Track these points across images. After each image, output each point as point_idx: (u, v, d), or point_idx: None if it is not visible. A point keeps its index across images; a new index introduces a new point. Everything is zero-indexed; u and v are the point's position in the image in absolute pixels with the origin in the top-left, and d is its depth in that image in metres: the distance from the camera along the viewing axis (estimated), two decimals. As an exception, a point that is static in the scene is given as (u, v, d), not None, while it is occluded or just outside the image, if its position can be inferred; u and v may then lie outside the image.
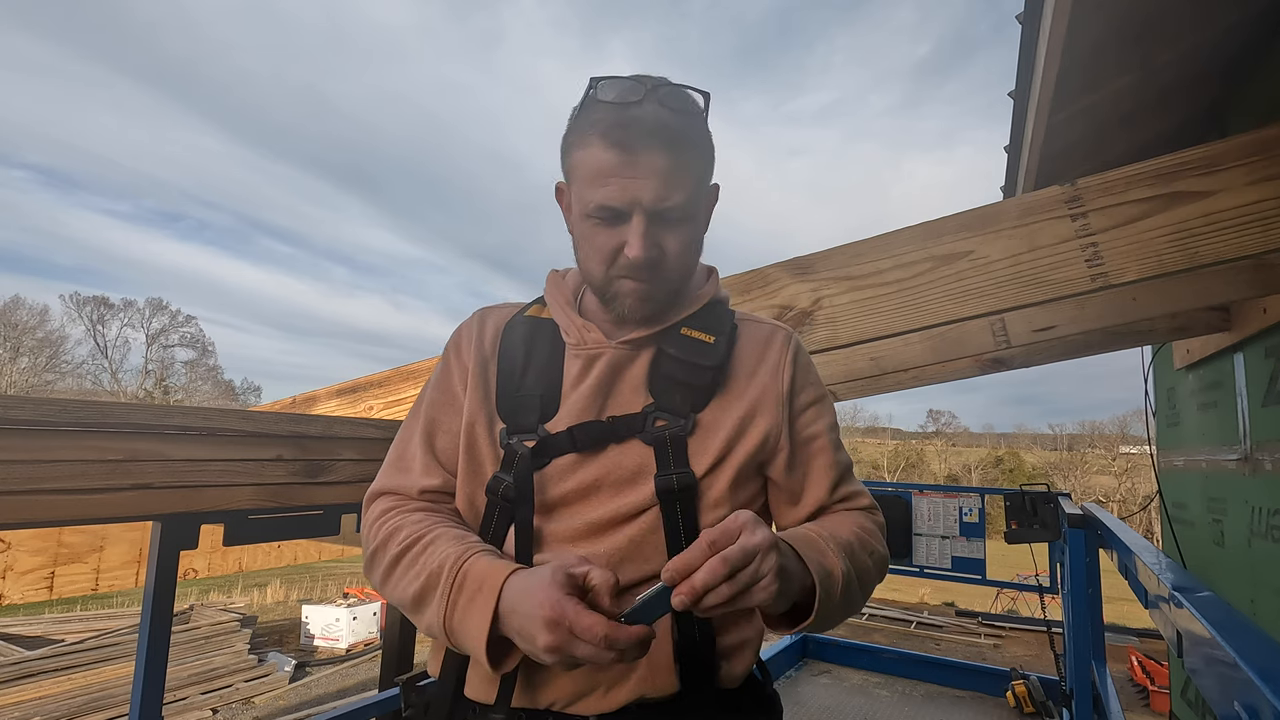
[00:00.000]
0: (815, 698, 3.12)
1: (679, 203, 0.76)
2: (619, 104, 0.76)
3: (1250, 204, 1.29)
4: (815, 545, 0.73)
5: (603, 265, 0.80)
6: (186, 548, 1.33)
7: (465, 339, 0.91)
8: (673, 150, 0.75)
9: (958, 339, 2.40)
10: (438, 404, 0.88)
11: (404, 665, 2.30)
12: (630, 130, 0.74)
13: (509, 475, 0.80)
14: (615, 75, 0.79)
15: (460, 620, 0.68)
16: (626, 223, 0.76)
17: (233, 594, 13.81)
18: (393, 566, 0.77)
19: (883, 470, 52.06)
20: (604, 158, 0.75)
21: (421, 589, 0.72)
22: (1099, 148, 2.52)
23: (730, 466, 0.81)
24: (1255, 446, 2.28)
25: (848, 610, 0.77)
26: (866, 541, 0.82)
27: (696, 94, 0.80)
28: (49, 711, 6.90)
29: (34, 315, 37.67)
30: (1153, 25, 1.81)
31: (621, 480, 0.80)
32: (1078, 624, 2.11)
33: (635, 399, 0.83)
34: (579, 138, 0.79)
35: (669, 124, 0.75)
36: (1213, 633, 0.69)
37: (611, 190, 0.75)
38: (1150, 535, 17.23)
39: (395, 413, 2.13)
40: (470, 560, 0.71)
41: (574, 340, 0.86)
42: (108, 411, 1.14)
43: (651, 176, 0.74)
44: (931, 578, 3.57)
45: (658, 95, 0.76)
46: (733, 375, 0.85)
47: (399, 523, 0.79)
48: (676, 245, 0.79)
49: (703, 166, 0.81)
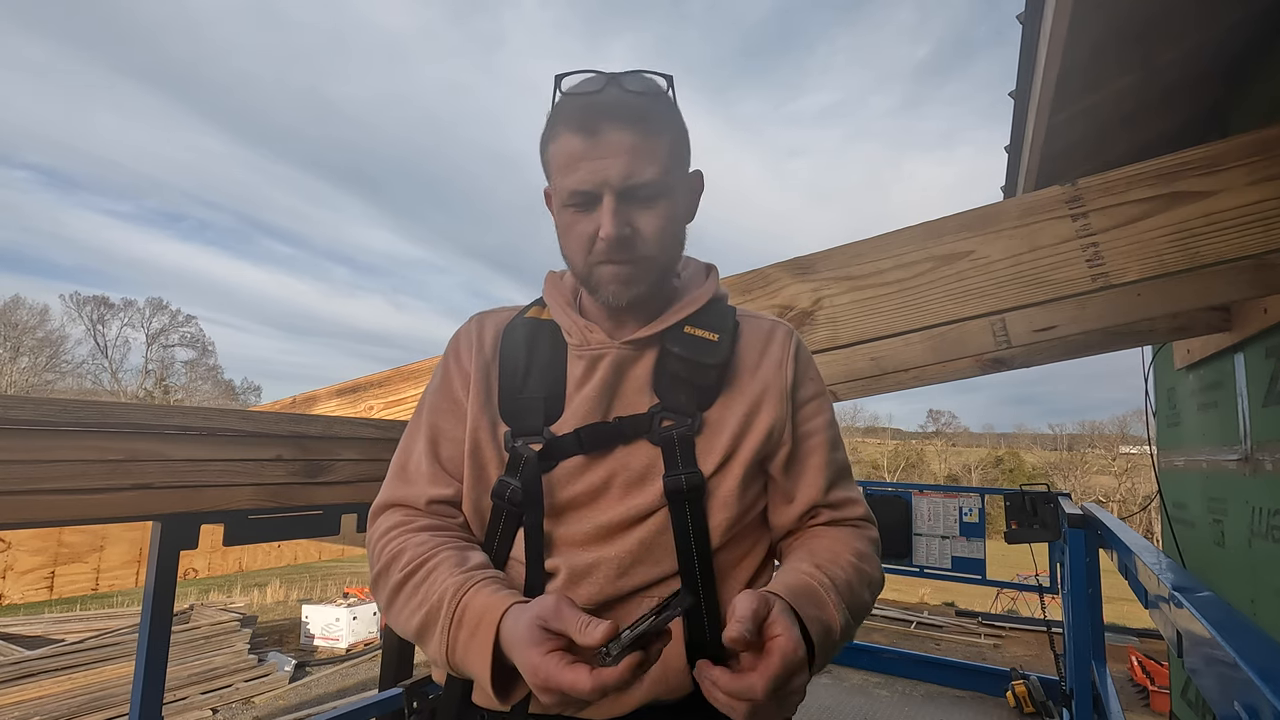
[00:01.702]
0: (815, 698, 3.12)
1: (648, 179, 0.76)
2: (582, 93, 0.77)
3: (1251, 204, 1.29)
4: (815, 599, 0.72)
5: (582, 253, 0.79)
6: (186, 548, 1.33)
7: (464, 344, 0.90)
8: (636, 127, 0.75)
9: (958, 339, 2.40)
10: (440, 411, 0.87)
11: (404, 665, 2.30)
12: (592, 113, 0.75)
13: (515, 479, 0.80)
14: (577, 70, 0.80)
15: (462, 658, 0.68)
16: (599, 206, 0.77)
17: (233, 594, 13.80)
18: (395, 594, 0.76)
19: (883, 470, 52.04)
20: (571, 144, 0.76)
21: (423, 623, 0.71)
22: (1100, 148, 2.52)
23: (738, 464, 0.81)
24: (1255, 446, 2.28)
25: (836, 653, 0.77)
26: (864, 573, 0.80)
27: (658, 77, 0.81)
28: (49, 711, 6.90)
29: (34, 315, 37.71)
30: (1154, 25, 1.81)
31: (630, 481, 0.80)
32: (1078, 624, 2.11)
33: (641, 399, 0.83)
34: (550, 133, 0.80)
35: (630, 103, 0.76)
36: (1213, 633, 0.69)
37: (581, 174, 0.75)
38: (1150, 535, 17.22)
39: (395, 413, 2.13)
40: (469, 595, 0.70)
41: (577, 341, 0.85)
42: (108, 411, 1.14)
43: (617, 154, 0.75)
44: (931, 578, 3.57)
45: (619, 81, 0.77)
46: (736, 372, 0.85)
47: (402, 545, 0.78)
48: (651, 224, 0.78)
49: (672, 145, 0.80)
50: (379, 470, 1.63)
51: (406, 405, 2.11)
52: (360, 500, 1.58)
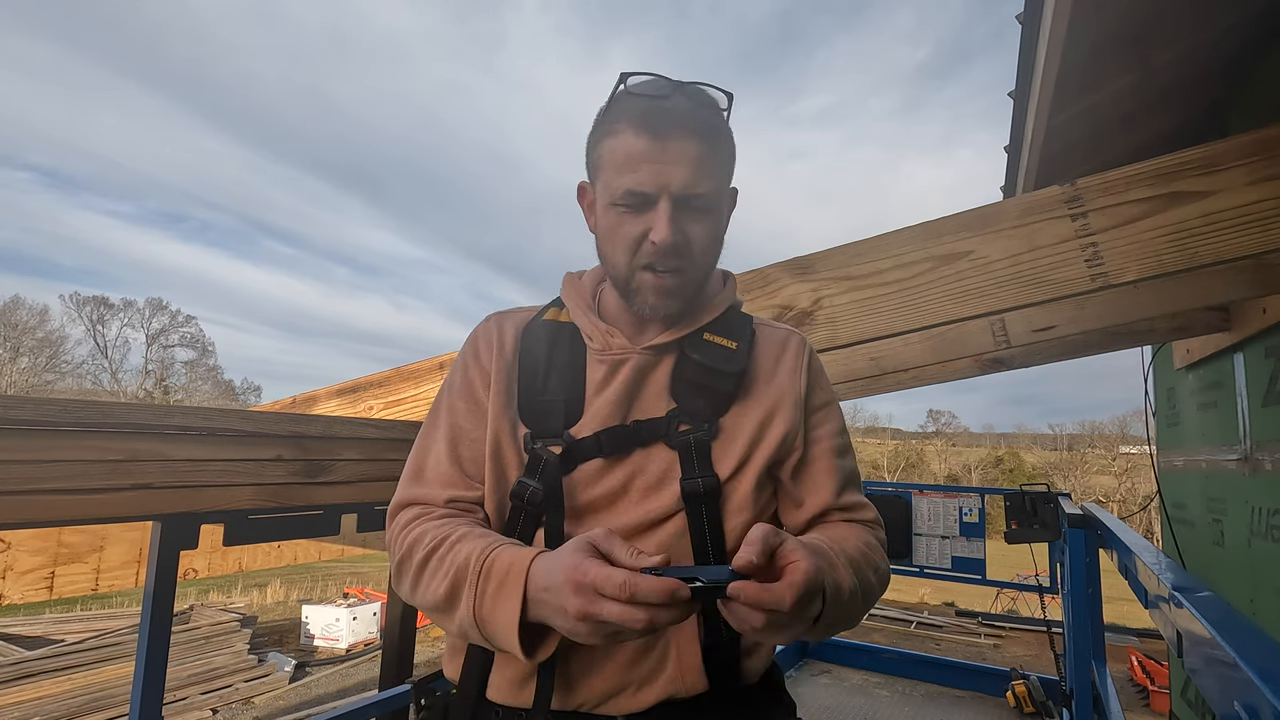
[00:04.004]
0: (815, 698, 3.12)
1: (706, 191, 0.77)
2: (649, 96, 0.78)
3: (1250, 204, 1.29)
4: (826, 557, 0.73)
5: (627, 254, 0.79)
6: (186, 548, 1.33)
7: (484, 344, 0.90)
8: (702, 140, 0.77)
9: (958, 339, 2.40)
10: (460, 411, 0.87)
11: (404, 665, 2.30)
12: (662, 118, 0.76)
13: (535, 480, 0.80)
14: (644, 71, 0.81)
15: (490, 609, 0.67)
16: (653, 209, 0.77)
17: (233, 594, 13.80)
18: (420, 571, 0.76)
19: (883, 470, 52.03)
20: (635, 143, 0.76)
21: (450, 586, 0.71)
22: (1099, 148, 2.52)
23: (752, 470, 0.82)
24: (1255, 446, 2.28)
25: (845, 624, 0.78)
26: (870, 558, 0.81)
27: (720, 93, 0.82)
28: (49, 711, 6.90)
29: (34, 315, 37.69)
30: (1152, 26, 1.81)
31: (648, 485, 0.80)
32: (1078, 624, 2.12)
33: (658, 404, 0.84)
34: (608, 128, 0.79)
35: (699, 114, 0.77)
36: (1213, 633, 0.69)
37: (642, 175, 0.76)
38: (1150, 535, 17.22)
39: (395, 413, 2.13)
40: (496, 551, 0.70)
41: (598, 345, 0.86)
42: (108, 411, 1.14)
43: (681, 163, 0.75)
44: (931, 578, 3.57)
45: (686, 90, 0.78)
46: (752, 380, 0.86)
47: (423, 529, 0.78)
48: (701, 235, 0.79)
49: (727, 162, 0.82)
50: (379, 470, 1.64)
51: (406, 405, 2.11)
52: (360, 500, 1.58)
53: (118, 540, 2.65)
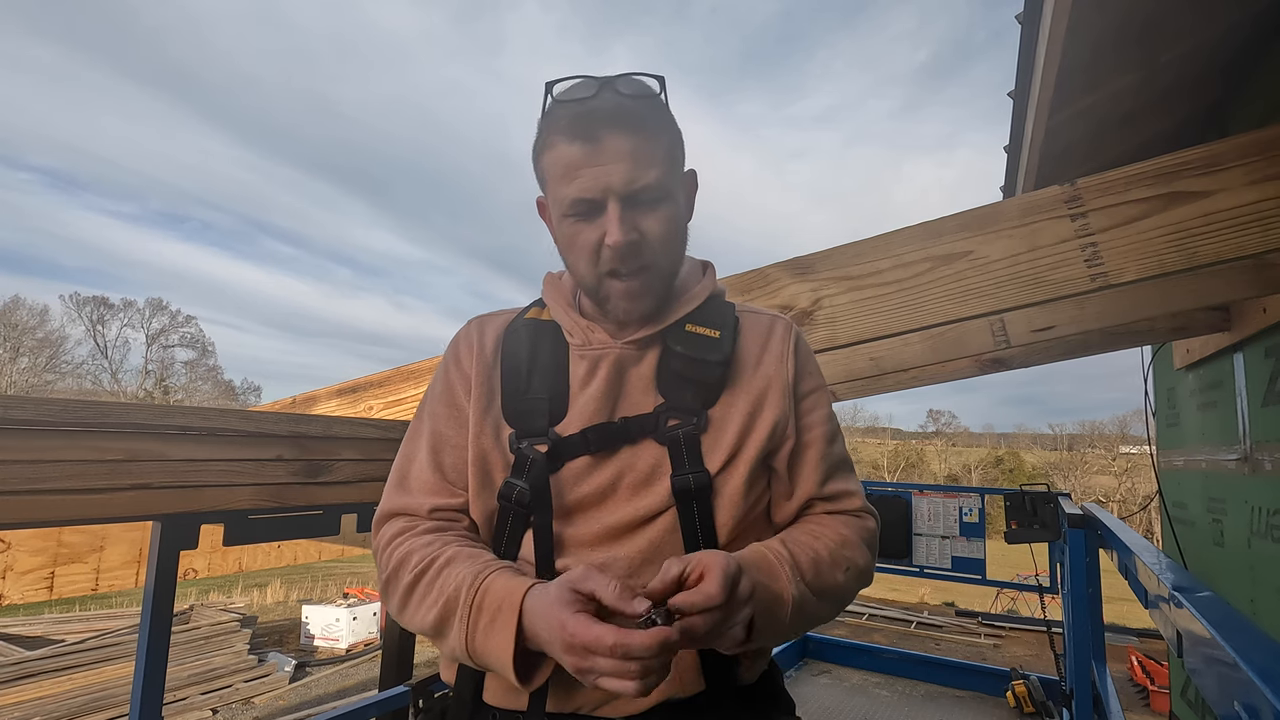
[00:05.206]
0: (815, 698, 3.12)
1: (650, 182, 0.76)
2: (576, 100, 0.76)
3: (1250, 204, 1.29)
4: (767, 569, 0.73)
5: (589, 263, 0.79)
6: (186, 548, 1.32)
7: (464, 348, 0.89)
8: (635, 132, 0.75)
9: (957, 339, 2.40)
10: (441, 418, 0.87)
11: (404, 665, 2.30)
12: (590, 120, 0.75)
13: (522, 480, 0.79)
14: (568, 76, 0.80)
15: (483, 643, 0.68)
16: (603, 213, 0.76)
17: (233, 594, 13.79)
18: (408, 595, 0.75)
19: (883, 470, 52.03)
20: (569, 151, 0.75)
21: (440, 616, 0.71)
22: (1099, 148, 2.52)
23: (743, 461, 0.81)
24: (1255, 446, 2.28)
25: (802, 629, 0.78)
26: (840, 556, 0.80)
27: (650, 79, 0.80)
28: (49, 711, 6.89)
29: (34, 315, 37.70)
30: (1153, 25, 1.81)
31: (637, 482, 0.80)
32: (1078, 624, 2.11)
33: (646, 399, 0.83)
34: (544, 142, 0.79)
35: (627, 108, 0.76)
36: (1213, 633, 0.68)
37: (583, 181, 0.75)
38: (1150, 535, 17.22)
39: (395, 413, 2.13)
40: (487, 580, 0.70)
41: (579, 341, 0.85)
42: (108, 411, 1.14)
43: (618, 160, 0.74)
44: (931, 578, 3.57)
45: (612, 85, 0.77)
46: (739, 368, 0.85)
47: (409, 547, 0.78)
48: (657, 228, 0.78)
49: (669, 147, 0.80)
50: (379, 470, 1.64)
51: (406, 405, 2.11)
52: (360, 500, 1.58)
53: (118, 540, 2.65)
